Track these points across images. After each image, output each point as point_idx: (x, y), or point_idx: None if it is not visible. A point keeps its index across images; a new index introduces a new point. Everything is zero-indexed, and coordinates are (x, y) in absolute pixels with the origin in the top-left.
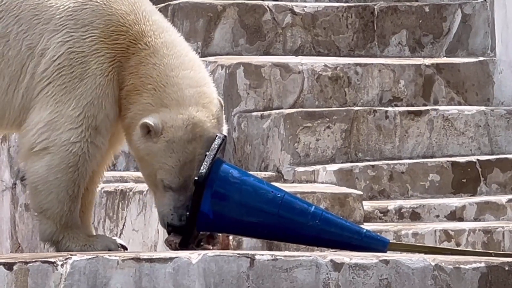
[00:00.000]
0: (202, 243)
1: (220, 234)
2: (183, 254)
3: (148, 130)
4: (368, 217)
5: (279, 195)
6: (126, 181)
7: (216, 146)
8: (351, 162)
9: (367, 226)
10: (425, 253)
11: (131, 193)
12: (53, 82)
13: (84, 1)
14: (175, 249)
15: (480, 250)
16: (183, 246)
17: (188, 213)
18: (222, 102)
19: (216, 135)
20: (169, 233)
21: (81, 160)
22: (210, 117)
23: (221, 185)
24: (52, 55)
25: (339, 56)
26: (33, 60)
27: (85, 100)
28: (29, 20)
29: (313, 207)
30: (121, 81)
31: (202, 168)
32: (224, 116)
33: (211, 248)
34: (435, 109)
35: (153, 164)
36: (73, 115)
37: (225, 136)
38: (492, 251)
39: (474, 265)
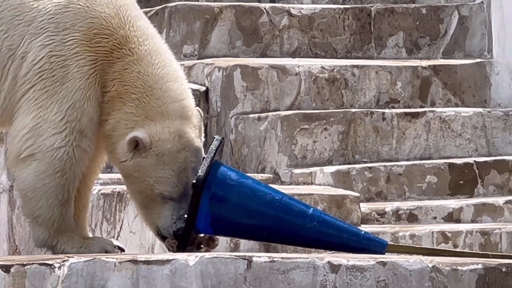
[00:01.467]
0: (202, 246)
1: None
2: (181, 256)
3: (135, 145)
4: (365, 219)
5: (277, 197)
6: (123, 183)
7: (214, 148)
8: (348, 164)
9: (364, 228)
10: (423, 254)
11: (128, 195)
12: (35, 86)
13: (66, 4)
14: (177, 251)
15: (477, 252)
16: (181, 248)
17: (186, 216)
18: (202, 113)
19: (214, 137)
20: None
21: (68, 164)
22: (193, 128)
23: (219, 187)
24: (33, 58)
25: (336, 58)
26: (14, 62)
27: (67, 103)
28: (9, 21)
29: (311, 209)
30: (104, 85)
31: (200, 171)
32: (203, 126)
33: (211, 251)
34: (432, 111)
35: (146, 180)
36: (56, 120)
37: (222, 138)
38: (489, 253)
39: (471, 267)
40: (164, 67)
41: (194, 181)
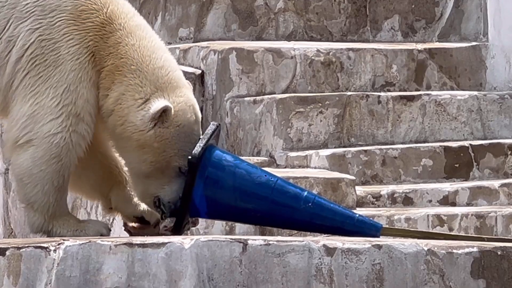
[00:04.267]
0: (188, 226)
1: None
2: (176, 239)
3: (160, 115)
4: (360, 202)
5: (272, 179)
6: None
7: (210, 131)
8: (344, 147)
9: (359, 211)
10: (418, 238)
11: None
12: (30, 73)
13: None
14: (173, 233)
15: (473, 235)
16: (176, 230)
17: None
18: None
19: (211, 123)
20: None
21: (64, 150)
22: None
23: (215, 167)
24: (23, 43)
25: (332, 41)
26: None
27: (62, 87)
28: None
29: (306, 192)
30: (99, 60)
31: (195, 149)
32: None
33: (195, 226)
34: (428, 94)
35: (166, 151)
36: (52, 105)
37: (219, 124)
38: (485, 236)
39: (466, 250)
40: (155, 40)
41: (189, 158)
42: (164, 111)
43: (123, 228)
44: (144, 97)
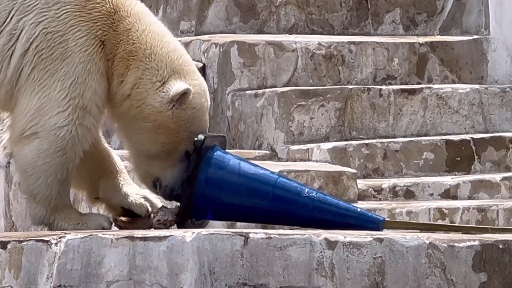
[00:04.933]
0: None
1: None
2: (177, 232)
3: (179, 97)
4: (362, 196)
5: (275, 174)
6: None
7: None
8: (345, 140)
9: (361, 205)
10: (421, 230)
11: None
12: (37, 67)
13: None
14: (169, 227)
15: (476, 226)
16: (181, 223)
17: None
18: None
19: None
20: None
21: (70, 143)
22: None
23: (216, 169)
24: (28, 37)
25: (333, 34)
26: (1, 39)
27: (69, 80)
28: None
29: (308, 188)
30: (109, 50)
31: (199, 136)
32: None
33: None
34: (429, 87)
35: (180, 132)
36: (59, 98)
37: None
38: (489, 227)
39: (468, 243)
40: (162, 25)
41: (195, 140)
42: (184, 93)
43: (113, 223)
44: (161, 79)
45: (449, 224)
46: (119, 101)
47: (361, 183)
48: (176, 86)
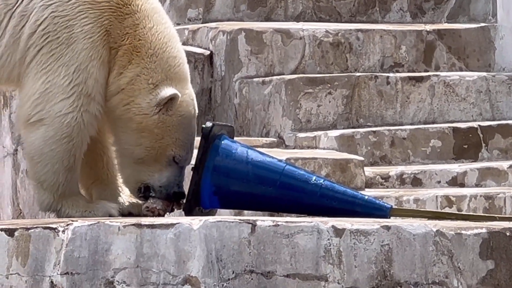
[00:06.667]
0: (174, 208)
1: None
2: (185, 220)
3: (166, 102)
4: (369, 183)
5: (282, 162)
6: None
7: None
8: (353, 128)
9: (368, 192)
10: (429, 218)
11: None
12: (42, 50)
13: None
14: (158, 215)
15: (484, 214)
16: (188, 211)
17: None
18: None
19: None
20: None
21: (76, 130)
22: None
23: (224, 155)
24: (36, 19)
25: (341, 22)
26: (12, 20)
27: (73, 66)
28: None
29: (315, 175)
30: (114, 40)
31: (207, 123)
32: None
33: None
34: (437, 75)
35: (164, 138)
36: (64, 84)
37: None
38: (496, 215)
39: (475, 231)
40: (170, 27)
41: (203, 126)
42: (172, 99)
43: None
44: (155, 82)
45: (456, 212)
46: (112, 93)
47: (369, 171)
48: (164, 91)
